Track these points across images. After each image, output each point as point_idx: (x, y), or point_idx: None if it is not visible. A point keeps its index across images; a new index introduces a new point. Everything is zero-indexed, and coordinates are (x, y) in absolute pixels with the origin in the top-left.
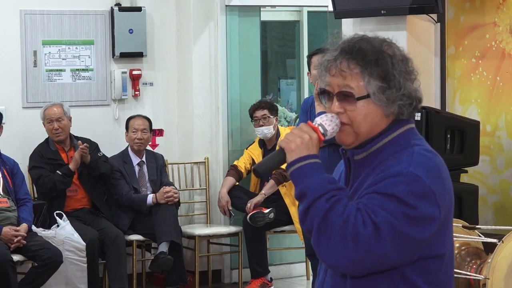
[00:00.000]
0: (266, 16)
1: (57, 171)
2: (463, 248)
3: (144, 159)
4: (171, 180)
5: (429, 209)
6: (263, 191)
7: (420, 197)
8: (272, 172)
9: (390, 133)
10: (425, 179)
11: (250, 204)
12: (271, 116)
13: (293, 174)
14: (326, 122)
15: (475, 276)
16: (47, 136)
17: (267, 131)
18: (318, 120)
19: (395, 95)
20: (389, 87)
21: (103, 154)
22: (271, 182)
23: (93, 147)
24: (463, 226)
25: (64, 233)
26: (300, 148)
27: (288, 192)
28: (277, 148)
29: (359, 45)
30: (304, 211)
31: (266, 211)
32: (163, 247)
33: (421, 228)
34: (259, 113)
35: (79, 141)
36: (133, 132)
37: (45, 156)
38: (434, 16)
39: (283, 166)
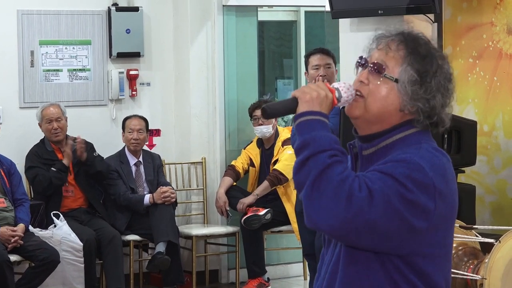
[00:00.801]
0: (263, 16)
1: (52, 168)
2: (460, 248)
3: (141, 159)
4: (168, 180)
5: (425, 200)
6: (256, 192)
7: (418, 185)
8: (279, 115)
9: (401, 131)
10: (428, 171)
11: (242, 205)
12: None
13: (301, 125)
14: (343, 89)
15: (472, 276)
16: (43, 136)
17: (266, 130)
18: (335, 84)
19: (421, 95)
20: (420, 85)
21: (98, 154)
22: (265, 183)
23: (89, 147)
24: (460, 226)
25: (61, 233)
26: (314, 102)
27: (285, 192)
28: (277, 144)
29: (418, 37)
30: (301, 161)
31: (263, 212)
32: (160, 247)
33: (413, 213)
34: (258, 112)
35: (78, 135)
36: (129, 132)
37: (42, 156)
38: (431, 16)
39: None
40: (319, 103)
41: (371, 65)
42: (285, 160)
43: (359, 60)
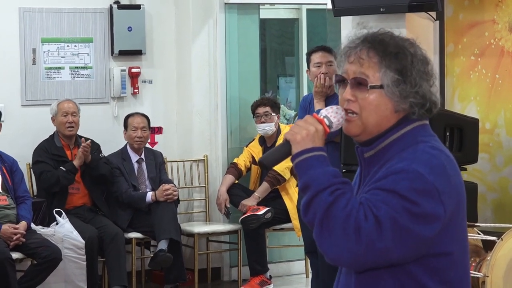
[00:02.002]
0: (265, 14)
1: (61, 167)
2: None
3: (143, 156)
4: (170, 177)
5: (431, 207)
6: (257, 194)
7: (422, 194)
8: (277, 163)
9: (398, 130)
10: (427, 176)
11: (243, 207)
12: (273, 113)
13: (298, 166)
14: (332, 114)
15: (474, 274)
16: (47, 133)
17: (268, 128)
18: (323, 112)
19: (409, 91)
20: (404, 82)
21: (104, 156)
22: (265, 184)
23: (95, 147)
24: None
25: (63, 231)
26: (305, 140)
27: (286, 191)
28: (279, 142)
29: (382, 37)
30: (307, 203)
31: (263, 211)
32: (163, 245)
33: (423, 225)
34: (261, 110)
35: (82, 138)
36: (133, 130)
37: (50, 151)
38: (433, 14)
39: (282, 166)
40: (310, 139)
41: (352, 81)
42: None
43: (336, 78)
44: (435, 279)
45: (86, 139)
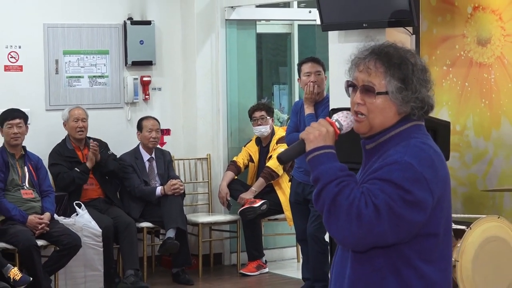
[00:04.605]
0: (261, 29)
1: (75, 169)
2: None
3: (153, 155)
4: (177, 174)
5: (422, 194)
6: (254, 188)
7: (413, 182)
8: (293, 159)
9: (397, 127)
10: (417, 167)
11: (241, 200)
12: (268, 117)
13: (310, 161)
14: (342, 118)
15: None
16: (65, 136)
17: (264, 129)
18: (335, 116)
19: (410, 96)
20: (406, 89)
21: (112, 153)
22: (261, 180)
23: (103, 146)
24: None
25: (83, 221)
26: (317, 139)
27: (279, 185)
28: (273, 142)
29: (387, 49)
30: (317, 194)
31: (259, 203)
32: (170, 233)
33: (415, 211)
34: (257, 114)
35: (91, 140)
36: (148, 131)
37: (63, 154)
38: (410, 28)
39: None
40: (322, 139)
41: (361, 87)
42: None
43: (348, 83)
44: (422, 258)
45: (94, 139)
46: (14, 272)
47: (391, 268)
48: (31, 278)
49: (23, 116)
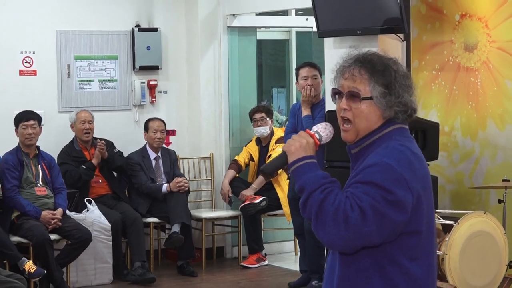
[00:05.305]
0: (261, 35)
1: (82, 166)
2: None
3: (159, 154)
4: (182, 172)
5: (402, 194)
6: (254, 185)
7: (394, 182)
8: (276, 170)
9: (380, 131)
10: (396, 167)
11: (242, 196)
12: (267, 118)
13: (294, 172)
14: (321, 130)
15: None
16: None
17: (263, 130)
18: (314, 128)
19: (394, 101)
20: (390, 94)
21: (118, 150)
22: (261, 178)
23: (109, 144)
24: None
25: (93, 216)
26: (299, 151)
27: (278, 182)
28: (272, 142)
29: (371, 57)
30: (303, 202)
31: (259, 200)
32: (176, 228)
33: (397, 210)
34: (257, 116)
35: (97, 139)
36: (154, 132)
37: (71, 154)
38: (401, 35)
39: None
40: (303, 150)
41: (347, 93)
42: None
43: (334, 91)
44: (406, 256)
45: (100, 139)
46: (29, 265)
47: (377, 267)
48: (45, 271)
49: (37, 118)
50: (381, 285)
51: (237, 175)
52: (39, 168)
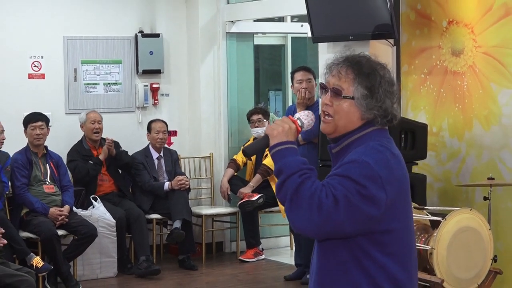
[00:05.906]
0: (258, 41)
1: (89, 161)
2: (414, 224)
3: (162, 154)
4: (183, 170)
5: (376, 190)
6: (251, 183)
7: (368, 179)
8: (257, 152)
9: (359, 132)
10: (373, 166)
11: (240, 194)
12: (264, 120)
13: (274, 155)
14: (303, 117)
15: (424, 247)
16: (81, 137)
17: (261, 131)
18: (297, 115)
19: (374, 105)
20: (371, 97)
21: (124, 149)
22: (258, 176)
23: (115, 144)
24: (414, 207)
25: (98, 213)
26: (280, 135)
27: (274, 180)
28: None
29: (360, 59)
30: (280, 184)
31: (256, 197)
32: (177, 224)
33: (369, 205)
34: (255, 117)
35: (106, 136)
36: (156, 133)
37: (81, 152)
38: (391, 40)
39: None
40: (285, 134)
41: (331, 89)
42: None
43: (321, 85)
44: (380, 251)
45: (108, 138)
46: (37, 260)
47: (354, 260)
48: (52, 266)
49: (45, 119)
50: (359, 278)
51: (236, 174)
52: (47, 166)
